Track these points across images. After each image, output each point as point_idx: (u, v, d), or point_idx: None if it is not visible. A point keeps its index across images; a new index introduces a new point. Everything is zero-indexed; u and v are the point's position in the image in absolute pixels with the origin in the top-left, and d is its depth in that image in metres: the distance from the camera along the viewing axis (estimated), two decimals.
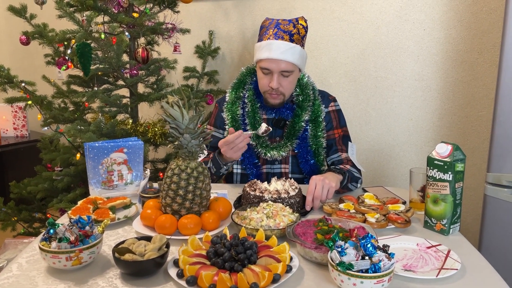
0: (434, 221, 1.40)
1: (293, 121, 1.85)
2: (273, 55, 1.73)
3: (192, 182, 1.34)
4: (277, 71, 1.76)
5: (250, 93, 1.90)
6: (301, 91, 1.87)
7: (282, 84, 1.79)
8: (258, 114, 1.87)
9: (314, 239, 1.21)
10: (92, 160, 1.63)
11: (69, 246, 1.12)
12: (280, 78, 1.77)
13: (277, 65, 1.75)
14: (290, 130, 1.85)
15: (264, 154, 1.85)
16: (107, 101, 2.26)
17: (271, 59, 1.75)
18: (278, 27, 1.77)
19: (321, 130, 1.85)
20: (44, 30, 2.29)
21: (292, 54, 1.74)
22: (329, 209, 1.51)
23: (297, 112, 1.85)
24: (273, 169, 1.91)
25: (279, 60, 1.74)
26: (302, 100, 1.86)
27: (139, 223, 1.40)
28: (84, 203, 1.51)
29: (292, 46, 1.74)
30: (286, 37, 1.75)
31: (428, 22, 2.26)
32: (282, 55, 1.73)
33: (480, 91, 2.22)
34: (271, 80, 1.78)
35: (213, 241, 1.16)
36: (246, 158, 1.88)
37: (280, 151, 1.84)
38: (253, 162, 1.89)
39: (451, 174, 1.34)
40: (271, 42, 1.75)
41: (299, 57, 1.77)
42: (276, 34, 1.76)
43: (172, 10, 2.50)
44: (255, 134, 1.82)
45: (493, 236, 1.66)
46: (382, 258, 1.02)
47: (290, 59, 1.74)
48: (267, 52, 1.75)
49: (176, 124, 1.34)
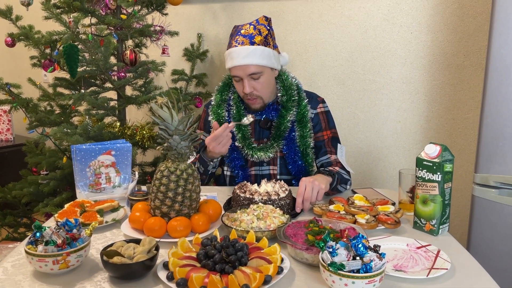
0: (424, 221, 1.40)
1: (279, 122, 1.85)
2: (235, 62, 1.75)
3: (181, 184, 1.33)
4: (245, 76, 1.77)
5: (234, 95, 1.90)
6: (285, 92, 1.86)
7: (255, 88, 1.79)
8: (243, 116, 1.87)
9: (305, 240, 1.21)
10: (79, 162, 1.61)
11: (56, 250, 1.10)
12: (250, 82, 1.78)
13: (243, 71, 1.76)
14: (276, 131, 1.85)
15: (251, 156, 1.85)
16: (94, 104, 2.24)
17: (235, 67, 1.77)
18: (239, 33, 1.78)
19: (308, 130, 1.85)
20: (30, 32, 2.26)
21: (254, 56, 1.74)
22: (319, 211, 1.51)
23: (282, 113, 1.84)
24: (261, 170, 1.90)
25: (241, 65, 1.75)
26: (286, 100, 1.85)
27: (127, 226, 1.38)
28: (71, 206, 1.49)
29: (253, 48, 1.74)
30: (246, 41, 1.75)
31: (415, 25, 2.29)
32: (243, 60, 1.74)
33: (466, 94, 2.25)
34: (243, 86, 1.79)
35: (203, 243, 1.15)
36: (233, 161, 1.88)
37: (267, 152, 1.84)
38: (240, 165, 1.88)
39: (440, 175, 1.34)
40: (231, 51, 1.77)
41: (262, 57, 1.76)
42: (237, 41, 1.77)
43: (160, 12, 2.48)
44: (242, 137, 1.83)
45: (481, 236, 1.67)
46: (373, 258, 1.02)
47: (252, 61, 1.74)
48: (230, 61, 1.77)
49: (165, 126, 1.32)
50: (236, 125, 1.85)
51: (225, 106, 1.90)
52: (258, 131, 1.90)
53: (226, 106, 1.90)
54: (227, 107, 1.90)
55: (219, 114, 1.89)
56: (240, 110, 1.88)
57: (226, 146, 1.69)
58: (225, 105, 1.90)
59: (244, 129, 1.86)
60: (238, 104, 1.88)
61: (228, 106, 1.90)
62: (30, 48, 2.30)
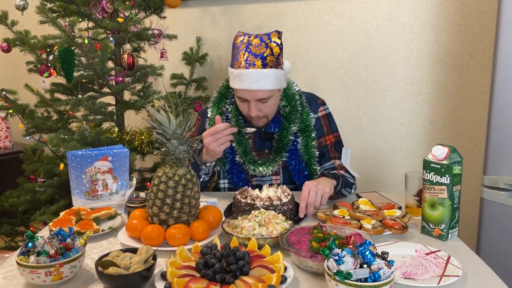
0: (432, 226, 1.35)
1: (281, 135, 1.75)
2: (246, 86, 1.62)
3: (180, 190, 1.28)
4: (253, 100, 1.65)
5: (232, 107, 1.79)
6: (288, 102, 1.76)
7: (261, 110, 1.69)
8: (242, 129, 1.75)
9: (309, 248, 1.16)
10: (75, 169, 1.56)
11: (49, 260, 1.05)
12: (258, 105, 1.67)
13: (252, 95, 1.64)
14: (278, 144, 1.76)
15: (253, 171, 1.75)
16: (91, 109, 2.19)
17: (244, 90, 1.64)
18: (249, 50, 1.62)
19: (311, 140, 1.76)
20: (26, 37, 2.22)
21: (267, 81, 1.62)
22: (323, 216, 1.46)
23: (285, 125, 1.75)
24: (263, 181, 1.82)
25: (253, 90, 1.62)
26: (289, 112, 1.75)
27: (124, 234, 1.33)
28: (66, 215, 1.44)
29: (266, 72, 1.60)
30: (258, 63, 1.60)
31: (418, 25, 2.24)
32: (255, 84, 1.61)
33: (472, 94, 2.20)
34: (249, 108, 1.68)
35: (203, 252, 1.10)
36: (234, 175, 1.80)
37: (269, 167, 1.75)
38: (241, 179, 1.80)
39: (449, 177, 1.29)
40: (242, 72, 1.61)
41: (275, 81, 1.64)
42: (247, 60, 1.61)
43: (158, 15, 2.45)
44: (242, 151, 1.74)
45: (492, 240, 1.62)
46: (382, 266, 0.97)
47: (265, 86, 1.62)
48: (239, 82, 1.63)
49: (162, 130, 1.28)
50: (236, 139, 1.75)
51: (223, 118, 1.77)
52: (258, 143, 1.81)
53: (224, 118, 1.78)
54: (225, 120, 1.77)
55: None
56: (239, 124, 1.77)
57: (222, 147, 1.59)
58: (222, 118, 1.77)
59: (244, 143, 1.76)
60: (237, 118, 1.78)
61: (226, 119, 1.79)
62: (26, 54, 2.26)
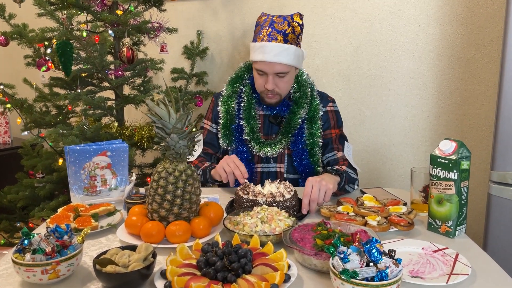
0: (439, 222, 1.32)
1: (289, 118, 1.81)
2: (267, 57, 1.70)
3: (180, 186, 1.25)
4: (271, 73, 1.73)
5: (247, 88, 1.86)
6: (298, 88, 1.83)
7: (278, 85, 1.76)
8: (254, 110, 1.83)
9: (313, 245, 1.13)
10: (73, 164, 1.53)
11: (45, 258, 1.02)
12: (275, 79, 1.74)
13: (271, 68, 1.71)
14: (285, 127, 1.81)
15: (258, 150, 1.80)
16: (91, 104, 2.16)
17: (265, 62, 1.71)
18: (272, 27, 1.72)
19: (317, 128, 1.81)
20: (24, 30, 2.18)
21: (286, 56, 1.70)
22: (327, 212, 1.42)
23: (293, 109, 1.81)
24: (268, 168, 1.85)
25: (272, 62, 1.70)
26: (299, 97, 1.82)
27: (123, 231, 1.30)
28: (64, 211, 1.41)
29: (286, 47, 1.70)
30: (280, 38, 1.70)
31: (423, 17, 2.20)
32: (275, 57, 1.69)
33: (477, 88, 2.16)
34: (266, 81, 1.74)
35: (204, 250, 1.07)
36: (239, 154, 1.82)
37: (274, 148, 1.79)
38: (246, 159, 1.83)
39: (457, 173, 1.26)
40: (264, 45, 1.70)
41: (294, 57, 1.73)
42: (270, 35, 1.71)
43: (158, 8, 2.40)
44: (250, 130, 1.80)
45: (499, 237, 1.58)
46: (389, 265, 0.94)
47: (284, 60, 1.70)
48: (260, 54, 1.71)
49: (162, 124, 1.24)
50: (245, 118, 1.81)
51: (236, 97, 1.86)
52: (268, 126, 1.86)
53: (237, 98, 1.86)
54: (238, 99, 1.86)
55: (229, 105, 1.85)
56: (251, 103, 1.83)
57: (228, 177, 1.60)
58: (236, 97, 1.86)
59: (253, 122, 1.82)
60: (250, 97, 1.84)
61: (239, 98, 1.86)
62: (24, 47, 2.22)
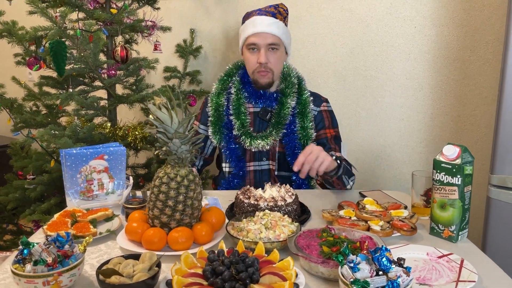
0: (442, 227, 1.32)
1: (278, 109, 1.82)
2: (258, 28, 1.75)
3: (182, 192, 1.23)
4: (264, 44, 1.76)
5: (236, 83, 1.87)
6: (284, 79, 1.86)
7: (270, 60, 1.78)
8: (243, 105, 1.84)
9: (320, 252, 1.11)
10: (70, 168, 1.49)
11: (46, 269, 0.99)
12: (268, 52, 1.77)
13: (264, 39, 1.76)
14: (276, 118, 1.82)
15: (249, 144, 1.80)
16: (83, 104, 2.10)
17: (257, 33, 1.76)
18: (260, 10, 1.82)
19: (309, 122, 1.81)
20: (14, 28, 2.12)
21: (277, 28, 1.77)
22: (329, 217, 1.41)
23: (282, 100, 1.83)
24: (261, 165, 1.85)
25: (264, 32, 1.75)
26: (286, 86, 1.84)
27: (124, 237, 1.27)
28: (61, 217, 1.37)
29: (276, 21, 1.78)
30: (269, 15, 1.79)
31: (419, 19, 2.20)
32: (267, 27, 1.75)
33: (473, 90, 2.17)
34: (259, 56, 1.76)
35: (210, 259, 1.05)
36: (231, 151, 1.83)
37: (266, 140, 1.79)
38: (237, 155, 1.83)
39: (460, 178, 1.26)
40: (255, 18, 1.78)
41: (283, 32, 1.79)
42: (259, 13, 1.80)
43: (152, 6, 2.36)
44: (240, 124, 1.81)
45: (499, 241, 1.59)
46: (400, 274, 0.93)
47: (275, 31, 1.76)
48: (252, 27, 1.77)
49: (164, 128, 1.21)
50: (234, 114, 1.83)
51: (225, 94, 1.88)
52: (258, 123, 1.86)
53: (226, 94, 1.87)
54: (227, 96, 1.87)
55: (217, 102, 1.86)
56: (240, 98, 1.84)
57: None
58: (225, 93, 1.88)
59: (243, 117, 1.82)
60: (239, 92, 1.85)
61: (228, 94, 1.88)
62: (14, 45, 2.16)
